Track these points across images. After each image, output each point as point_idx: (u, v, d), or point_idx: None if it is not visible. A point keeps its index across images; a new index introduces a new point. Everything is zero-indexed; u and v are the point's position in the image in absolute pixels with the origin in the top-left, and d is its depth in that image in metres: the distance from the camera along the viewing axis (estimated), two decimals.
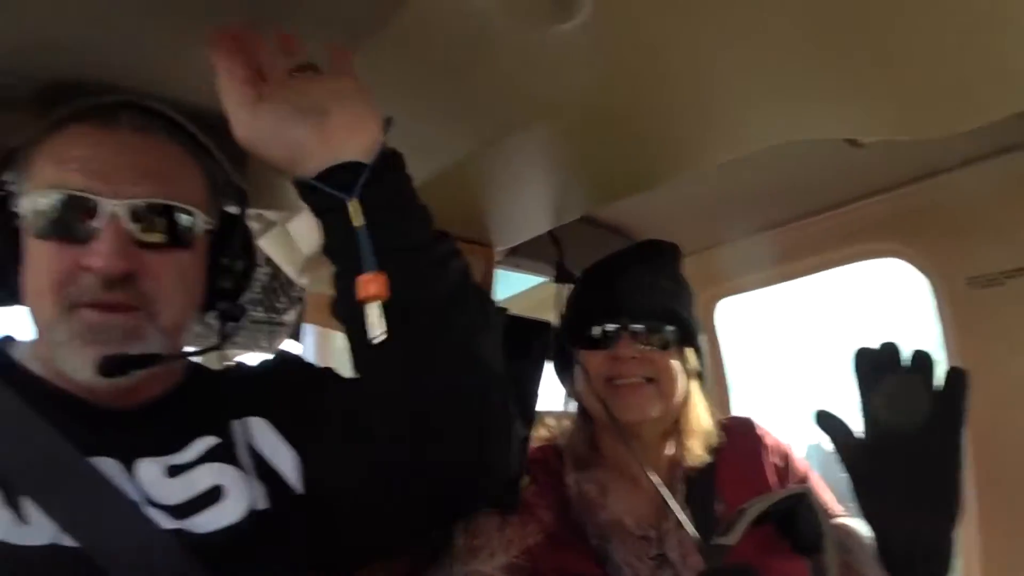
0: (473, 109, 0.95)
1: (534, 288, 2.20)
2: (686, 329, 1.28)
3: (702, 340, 1.33)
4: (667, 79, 0.84)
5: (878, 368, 0.98)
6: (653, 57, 0.80)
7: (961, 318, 1.35)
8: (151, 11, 0.89)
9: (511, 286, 2.18)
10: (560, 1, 0.73)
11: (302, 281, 1.48)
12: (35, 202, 0.82)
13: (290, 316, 1.93)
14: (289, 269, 1.51)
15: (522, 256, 1.57)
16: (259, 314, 2.01)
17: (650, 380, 1.23)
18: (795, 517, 0.97)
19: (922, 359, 0.96)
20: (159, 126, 0.89)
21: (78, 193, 0.81)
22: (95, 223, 0.80)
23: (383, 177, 0.78)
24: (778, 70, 0.84)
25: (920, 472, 0.95)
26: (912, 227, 1.43)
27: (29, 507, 0.74)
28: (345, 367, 1.00)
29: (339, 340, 1.45)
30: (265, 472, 0.88)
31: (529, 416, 1.28)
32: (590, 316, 1.28)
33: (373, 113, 0.79)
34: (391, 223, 0.78)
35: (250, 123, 0.77)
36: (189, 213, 0.86)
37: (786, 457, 1.31)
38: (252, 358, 2.21)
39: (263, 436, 0.92)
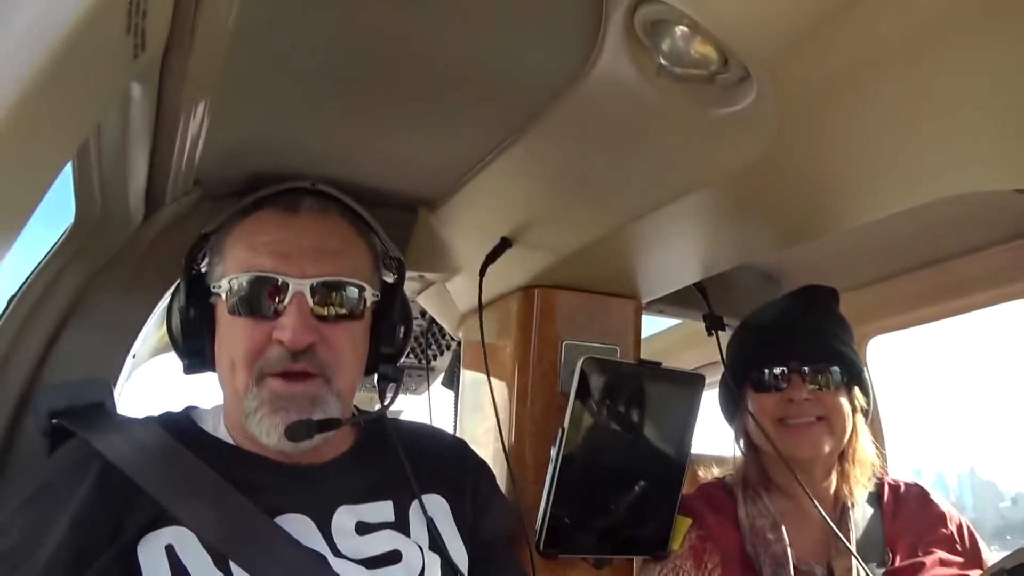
0: (633, 183, 1.00)
1: (667, 330, 2.21)
2: (852, 369, 1.33)
3: (867, 378, 1.37)
4: (827, 146, 0.86)
5: None
6: (814, 129, 0.82)
7: None
8: (342, 108, 1.00)
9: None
10: (725, 91, 0.77)
11: (458, 335, 1.57)
12: (230, 283, 0.92)
13: (441, 363, 2.04)
14: (446, 324, 1.61)
15: (665, 303, 1.60)
16: (410, 360, 2.13)
17: (821, 419, 1.30)
18: None
19: None
20: (333, 209, 1.00)
21: (269, 274, 0.91)
22: (282, 301, 0.90)
23: None
24: (942, 126, 0.84)
25: None
26: None
27: (236, 570, 0.83)
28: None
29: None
30: (437, 547, 0.96)
31: (683, 461, 1.32)
32: (760, 360, 1.34)
33: None
34: None
35: None
36: (360, 288, 0.95)
37: (960, 525, 1.35)
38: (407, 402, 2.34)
39: (440, 515, 0.99)
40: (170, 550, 0.83)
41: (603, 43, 0.81)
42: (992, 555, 1.31)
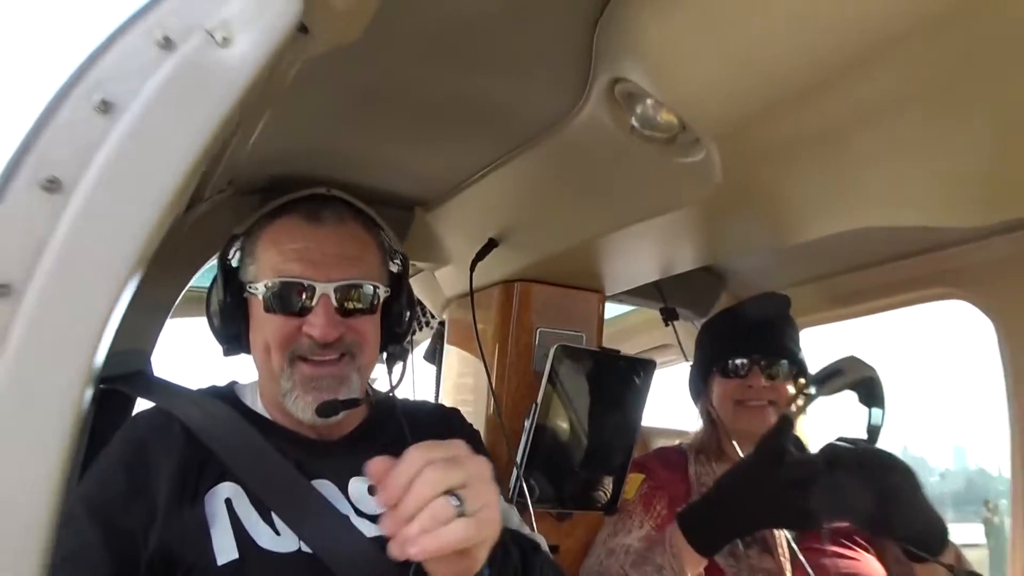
0: (603, 206, 1.21)
1: (623, 315, 2.44)
2: (799, 363, 1.63)
3: (810, 371, 1.64)
4: (761, 191, 1.08)
5: None
6: (750, 179, 1.03)
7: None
8: (361, 126, 1.17)
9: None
10: (683, 147, 0.98)
11: (442, 316, 1.77)
12: (265, 285, 1.07)
13: (419, 337, 2.22)
14: (431, 306, 1.80)
15: (624, 293, 1.82)
16: None
17: (772, 402, 1.59)
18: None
19: None
20: (349, 215, 1.15)
21: (298, 280, 1.06)
22: (310, 301, 1.06)
23: None
24: (859, 180, 1.06)
25: None
26: (978, 274, 1.63)
27: (278, 522, 0.99)
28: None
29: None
30: None
31: (633, 434, 1.56)
32: (727, 352, 1.62)
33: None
34: None
35: None
36: (375, 287, 1.12)
37: None
38: None
39: None
40: (228, 503, 0.99)
41: (587, 99, 1.01)
42: None
